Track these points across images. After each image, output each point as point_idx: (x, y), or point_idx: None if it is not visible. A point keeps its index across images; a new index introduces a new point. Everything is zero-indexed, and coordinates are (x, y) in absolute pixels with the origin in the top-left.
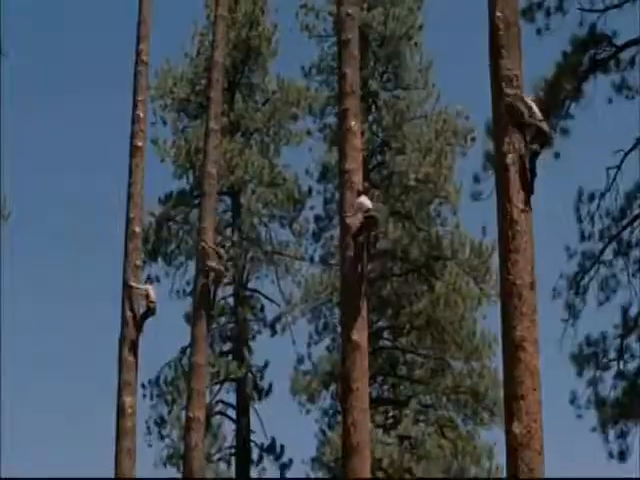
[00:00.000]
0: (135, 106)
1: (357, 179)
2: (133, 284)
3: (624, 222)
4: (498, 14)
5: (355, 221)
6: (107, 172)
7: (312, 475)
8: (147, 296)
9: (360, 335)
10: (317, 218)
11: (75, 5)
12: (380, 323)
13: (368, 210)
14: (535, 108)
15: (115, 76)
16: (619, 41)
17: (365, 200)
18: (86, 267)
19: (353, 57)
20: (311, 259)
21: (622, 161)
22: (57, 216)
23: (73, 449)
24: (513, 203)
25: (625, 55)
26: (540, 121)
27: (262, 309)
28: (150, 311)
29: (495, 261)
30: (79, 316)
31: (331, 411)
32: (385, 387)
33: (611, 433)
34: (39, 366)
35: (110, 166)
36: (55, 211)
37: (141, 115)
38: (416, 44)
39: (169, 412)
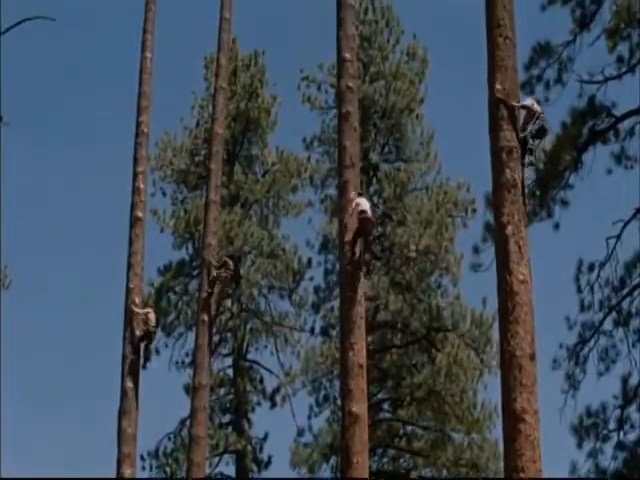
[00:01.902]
0: (135, 177)
1: (357, 251)
2: (135, 308)
3: (624, 292)
4: (498, 87)
5: (352, 221)
6: (107, 242)
7: None
8: (146, 320)
9: (360, 407)
10: (317, 289)
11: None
12: (380, 395)
13: (364, 211)
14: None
15: (116, 146)
16: (618, 112)
17: (362, 201)
18: (85, 338)
19: (353, 130)
20: (311, 330)
21: (622, 231)
22: (56, 287)
23: None
24: (513, 274)
25: (624, 125)
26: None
27: (261, 380)
28: (149, 335)
29: (496, 332)
30: (79, 395)
31: None
32: (385, 460)
33: None
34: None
35: (110, 236)
36: (54, 282)
37: (141, 186)
38: (417, 117)
39: None
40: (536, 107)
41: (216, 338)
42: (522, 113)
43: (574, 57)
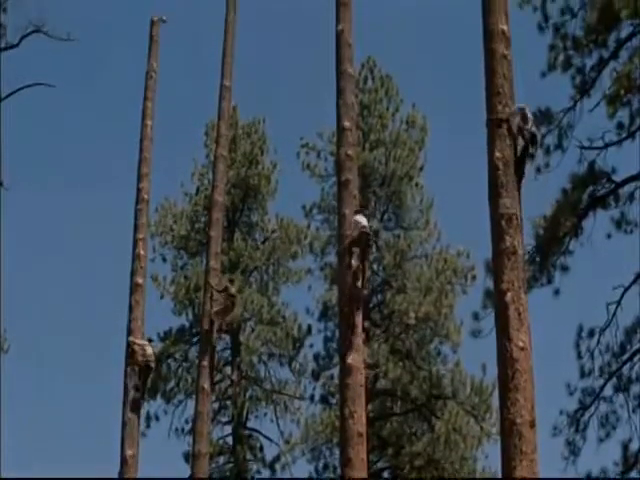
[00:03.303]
0: (135, 244)
1: (357, 318)
2: (135, 340)
3: (624, 357)
4: (497, 154)
5: (352, 232)
6: (106, 307)
7: None
8: (144, 352)
9: (360, 475)
10: (317, 356)
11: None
12: (380, 464)
13: (364, 227)
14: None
15: (115, 210)
16: (618, 177)
17: (361, 218)
18: (84, 404)
19: (353, 197)
20: (311, 398)
21: (622, 296)
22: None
23: None
24: (513, 341)
25: (624, 190)
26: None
27: (261, 449)
28: (147, 367)
29: (496, 399)
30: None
31: None
32: None
33: None
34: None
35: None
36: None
37: (142, 253)
38: (417, 184)
39: None
40: (529, 114)
41: (216, 405)
42: (516, 121)
43: (574, 123)
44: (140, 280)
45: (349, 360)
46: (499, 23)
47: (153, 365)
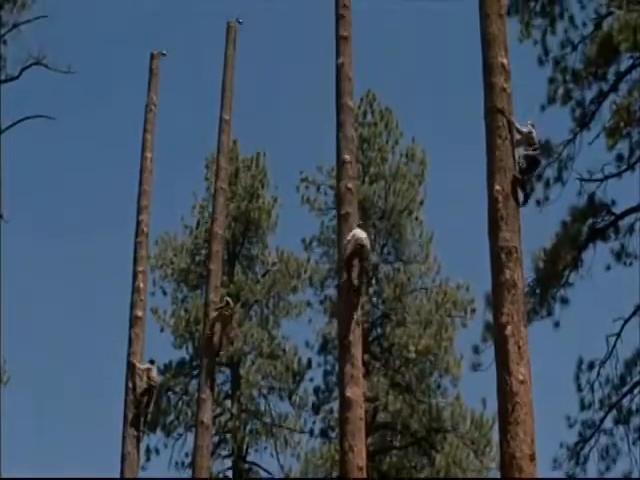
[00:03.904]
0: (135, 276)
1: (357, 351)
2: (136, 363)
3: (624, 390)
4: (497, 187)
5: (349, 247)
6: (106, 340)
7: None
8: (148, 375)
9: None
10: (317, 390)
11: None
12: None
13: (361, 240)
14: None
15: (115, 243)
16: (618, 209)
17: (360, 232)
18: (83, 437)
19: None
20: (311, 432)
21: (622, 329)
22: (54, 387)
23: None
24: (512, 375)
25: (624, 223)
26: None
27: None
28: (150, 390)
29: (496, 432)
30: None
31: None
32: None
33: None
34: None
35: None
36: (54, 377)
37: (141, 285)
38: (417, 218)
39: None
40: (534, 135)
41: (216, 439)
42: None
43: (574, 156)
44: (140, 313)
45: (349, 394)
46: (499, 56)
47: (156, 387)
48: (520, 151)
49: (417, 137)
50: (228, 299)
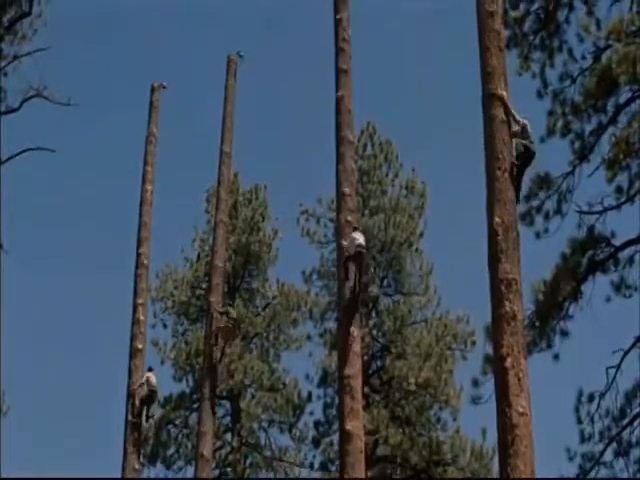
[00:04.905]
0: (135, 309)
1: (357, 384)
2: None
3: (624, 422)
4: (497, 220)
5: (349, 248)
6: (106, 372)
7: None
8: (148, 383)
9: None
10: (317, 424)
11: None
12: None
13: (359, 244)
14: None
15: (115, 275)
16: (617, 241)
17: (358, 235)
18: (83, 470)
19: None
20: (311, 465)
21: (622, 360)
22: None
23: None
24: (512, 407)
25: (624, 254)
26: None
27: None
28: (151, 396)
29: (496, 464)
30: None
31: None
32: None
33: None
34: None
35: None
36: (53, 408)
37: (141, 318)
38: (417, 250)
39: None
40: (529, 128)
41: (216, 472)
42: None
43: (573, 188)
44: (140, 345)
45: (349, 427)
46: (498, 89)
47: (156, 391)
48: (517, 140)
49: (417, 167)
50: (229, 307)
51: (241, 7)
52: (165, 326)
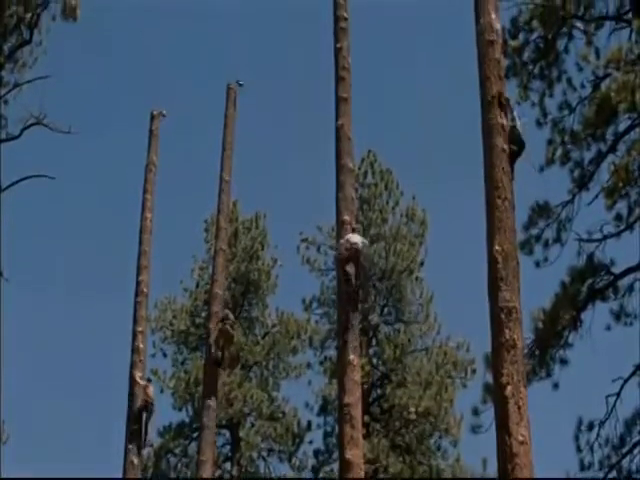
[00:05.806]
0: (134, 336)
1: (357, 413)
2: (138, 379)
3: (624, 450)
4: (497, 248)
5: (344, 252)
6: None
7: None
8: (145, 391)
9: None
10: (316, 452)
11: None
12: None
13: (355, 244)
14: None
15: (114, 303)
16: (617, 269)
17: (354, 236)
18: None
19: None
20: None
21: (621, 388)
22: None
23: None
24: (512, 436)
25: (623, 282)
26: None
27: None
28: (147, 407)
29: None
30: None
31: None
32: None
33: None
34: None
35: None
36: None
37: (141, 346)
38: (417, 278)
39: None
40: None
41: None
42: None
43: (573, 216)
44: (139, 374)
45: (348, 455)
46: (498, 117)
47: (152, 403)
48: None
49: (418, 195)
50: (228, 312)
51: (241, 36)
52: (165, 355)
